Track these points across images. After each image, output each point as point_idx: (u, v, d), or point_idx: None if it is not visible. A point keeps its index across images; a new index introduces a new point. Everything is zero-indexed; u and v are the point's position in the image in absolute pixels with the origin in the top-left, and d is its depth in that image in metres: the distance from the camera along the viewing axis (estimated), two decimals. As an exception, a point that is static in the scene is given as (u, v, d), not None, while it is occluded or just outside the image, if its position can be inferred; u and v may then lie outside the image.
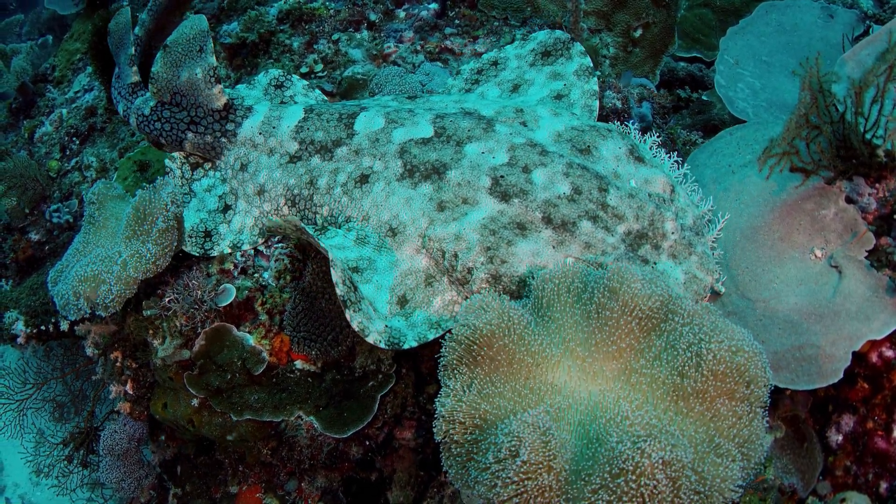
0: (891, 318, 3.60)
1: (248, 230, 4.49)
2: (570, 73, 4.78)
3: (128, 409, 4.98)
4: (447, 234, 3.83)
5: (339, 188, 4.22)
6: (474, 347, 3.09)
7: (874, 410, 3.81)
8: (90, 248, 4.53)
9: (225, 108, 4.55)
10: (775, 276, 3.86)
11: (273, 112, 4.54)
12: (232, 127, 4.55)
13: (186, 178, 4.69)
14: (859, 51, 4.33)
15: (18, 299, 5.88)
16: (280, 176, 4.39)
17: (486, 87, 4.90)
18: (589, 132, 4.10)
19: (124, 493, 5.51)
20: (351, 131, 4.32)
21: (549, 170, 3.88)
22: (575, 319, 3.23)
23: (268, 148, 4.47)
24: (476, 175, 3.93)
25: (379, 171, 4.15)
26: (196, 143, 4.63)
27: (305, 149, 4.38)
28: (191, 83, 4.50)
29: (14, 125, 7.97)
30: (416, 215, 3.95)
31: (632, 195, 3.84)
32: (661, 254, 3.79)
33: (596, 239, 3.72)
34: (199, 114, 4.57)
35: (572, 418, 3.00)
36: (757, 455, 2.97)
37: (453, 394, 3.05)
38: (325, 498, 4.91)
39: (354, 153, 4.26)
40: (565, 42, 4.92)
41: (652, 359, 3.12)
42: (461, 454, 2.98)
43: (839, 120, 3.78)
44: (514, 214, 3.80)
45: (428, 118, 4.26)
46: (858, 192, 3.90)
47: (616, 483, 2.71)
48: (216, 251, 4.48)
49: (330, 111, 4.47)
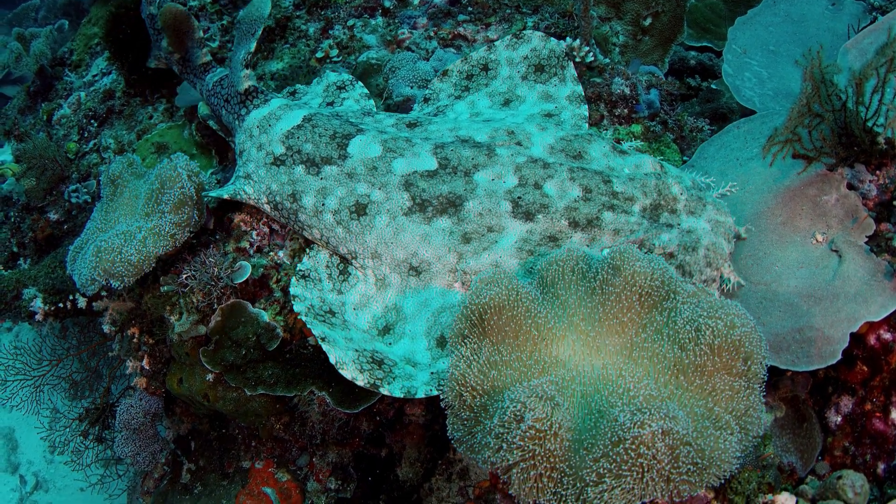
0: (889, 300, 3.68)
1: (241, 189, 4.53)
2: (563, 97, 4.83)
3: (144, 385, 5.09)
4: (484, 264, 3.92)
5: (329, 215, 4.22)
6: (485, 317, 3.20)
7: (872, 392, 3.89)
8: (109, 224, 4.65)
9: (245, 93, 4.67)
10: (777, 260, 3.94)
11: (279, 110, 4.58)
12: (244, 112, 4.67)
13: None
14: (862, 39, 4.41)
15: (37, 277, 5.99)
16: (263, 175, 4.44)
17: (476, 96, 4.89)
18: (575, 140, 4.27)
19: (139, 467, 5.62)
20: (343, 152, 4.30)
21: (556, 180, 4.02)
22: (579, 296, 3.34)
23: (258, 143, 4.52)
24: (495, 202, 4.00)
25: (378, 201, 4.13)
26: (224, 119, 4.90)
27: (291, 155, 4.38)
28: (236, 62, 4.68)
29: (32, 108, 8.08)
30: (440, 252, 3.99)
31: (631, 178, 4.03)
32: (679, 214, 3.96)
33: (620, 223, 3.90)
34: (231, 92, 4.78)
35: (576, 390, 3.10)
36: (755, 428, 3.06)
37: (464, 359, 3.16)
38: (335, 473, 5.02)
39: (347, 176, 4.24)
40: (560, 58, 4.91)
41: (653, 333, 3.22)
42: (469, 419, 3.09)
43: (841, 108, 3.86)
44: (542, 230, 3.94)
45: (428, 149, 4.22)
46: (860, 179, 3.98)
47: (616, 452, 2.81)
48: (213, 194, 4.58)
49: (325, 126, 4.43)
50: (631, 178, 4.04)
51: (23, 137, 7.03)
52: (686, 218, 3.96)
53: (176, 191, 4.38)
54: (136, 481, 6.16)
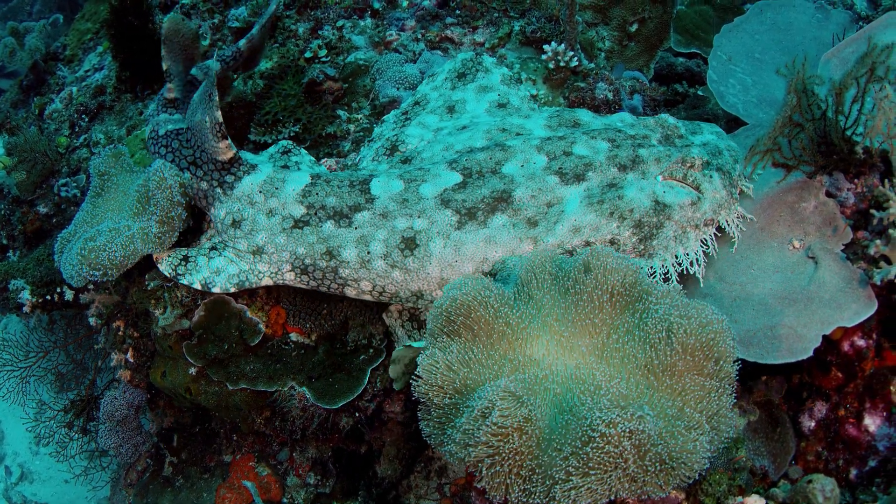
0: (863, 307, 3.70)
1: (225, 276, 4.25)
2: (497, 83, 4.87)
3: (128, 377, 5.13)
4: (562, 235, 3.96)
5: (379, 261, 4.02)
6: (453, 317, 3.24)
7: (846, 398, 3.92)
8: (97, 218, 4.67)
9: (229, 161, 4.30)
10: (752, 263, 3.99)
11: (277, 174, 4.28)
12: (231, 179, 4.29)
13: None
14: (843, 48, 4.47)
15: (25, 269, 6.02)
16: (285, 242, 4.13)
17: (421, 118, 4.77)
18: (564, 112, 4.48)
19: (122, 459, 5.67)
20: (369, 196, 4.11)
21: (581, 143, 4.14)
22: (553, 296, 3.37)
23: (267, 208, 4.19)
24: (540, 181, 4.03)
25: (424, 228, 3.99)
26: (191, 184, 4.42)
27: (315, 213, 4.11)
28: (200, 126, 4.27)
29: (24, 101, 8.11)
30: (511, 246, 3.95)
31: (632, 125, 4.36)
32: (686, 137, 4.34)
33: (657, 153, 4.14)
34: (202, 157, 4.37)
35: (549, 388, 3.14)
36: (725, 428, 3.10)
37: (433, 358, 3.19)
38: (315, 468, 5.06)
39: (381, 217, 4.04)
40: (474, 59, 4.97)
41: (625, 334, 3.26)
42: (440, 416, 3.14)
43: (821, 117, 3.90)
44: (599, 182, 4.04)
45: (443, 168, 4.15)
46: (838, 187, 4.02)
47: (584, 450, 2.85)
48: (185, 280, 4.31)
49: (338, 178, 4.23)
50: (631, 125, 4.34)
51: (14, 131, 7.06)
52: (693, 137, 4.33)
53: (165, 197, 4.33)
54: (120, 473, 6.19)
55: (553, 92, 5.25)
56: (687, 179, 4.07)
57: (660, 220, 3.97)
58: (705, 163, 4.10)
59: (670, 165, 4.06)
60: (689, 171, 4.07)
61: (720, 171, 4.13)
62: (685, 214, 4.00)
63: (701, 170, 4.09)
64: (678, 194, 4.01)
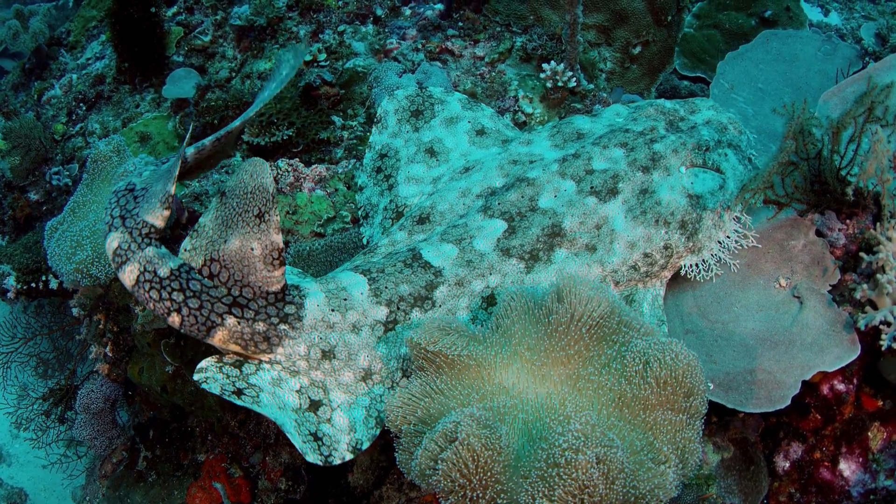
0: (844, 352, 3.68)
1: (362, 424, 3.60)
2: (460, 110, 4.67)
3: (106, 371, 5.13)
4: (622, 253, 3.95)
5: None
6: (415, 353, 3.32)
7: (823, 441, 3.89)
8: (87, 213, 4.67)
9: (282, 290, 3.57)
10: (737, 300, 3.95)
11: (328, 284, 3.74)
12: (293, 310, 3.58)
13: (237, 378, 3.52)
14: (844, 87, 4.43)
15: (12, 255, 6.02)
16: (388, 351, 3.66)
17: (405, 172, 4.54)
18: (560, 126, 4.43)
19: (96, 451, 5.66)
20: (433, 269, 3.79)
21: (597, 157, 4.09)
22: (524, 325, 3.35)
23: (349, 325, 3.64)
24: (580, 204, 3.95)
25: (497, 283, 3.83)
26: (239, 331, 3.53)
27: (398, 308, 3.70)
28: (241, 255, 3.46)
29: (25, 85, 8.11)
30: (581, 273, 3.87)
31: (633, 118, 4.37)
32: (688, 118, 4.38)
33: (671, 144, 4.13)
34: (245, 294, 3.53)
35: (517, 416, 3.12)
36: (692, 461, 3.09)
37: (401, 390, 3.28)
38: (287, 474, 5.02)
39: (457, 286, 3.78)
40: (420, 93, 4.73)
41: (600, 366, 3.23)
42: (408, 444, 3.16)
43: (816, 156, 3.87)
44: (631, 191, 4.01)
45: (479, 219, 3.98)
46: (829, 227, 3.98)
47: (549, 475, 2.83)
48: (337, 458, 3.51)
49: (382, 265, 3.84)
50: (633, 118, 4.35)
51: (10, 116, 7.06)
52: (695, 117, 4.38)
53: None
54: (95, 464, 6.18)
55: (549, 111, 5.23)
56: (708, 164, 4.14)
57: (698, 213, 4.01)
58: (717, 142, 4.21)
59: (688, 154, 4.12)
60: (706, 154, 4.14)
61: (732, 147, 4.25)
62: (716, 199, 4.06)
63: (715, 150, 4.18)
64: (705, 182, 4.09)
